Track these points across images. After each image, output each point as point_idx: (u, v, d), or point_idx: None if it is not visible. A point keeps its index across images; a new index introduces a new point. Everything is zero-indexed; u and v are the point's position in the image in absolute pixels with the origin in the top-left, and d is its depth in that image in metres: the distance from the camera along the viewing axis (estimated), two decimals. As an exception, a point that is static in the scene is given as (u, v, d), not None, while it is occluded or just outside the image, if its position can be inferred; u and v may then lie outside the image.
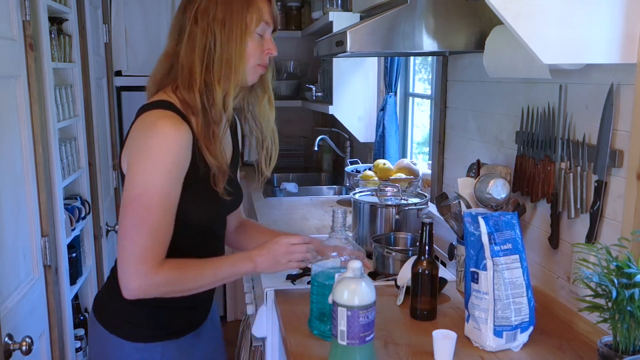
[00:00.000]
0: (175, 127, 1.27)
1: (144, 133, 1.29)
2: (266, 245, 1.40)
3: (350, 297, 1.22)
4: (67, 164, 2.46)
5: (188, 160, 1.30)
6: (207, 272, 1.35)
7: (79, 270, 2.57)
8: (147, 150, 1.26)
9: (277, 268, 1.40)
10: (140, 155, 1.27)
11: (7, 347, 1.56)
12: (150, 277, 1.26)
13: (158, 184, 1.25)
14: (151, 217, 1.25)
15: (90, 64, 2.85)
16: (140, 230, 1.26)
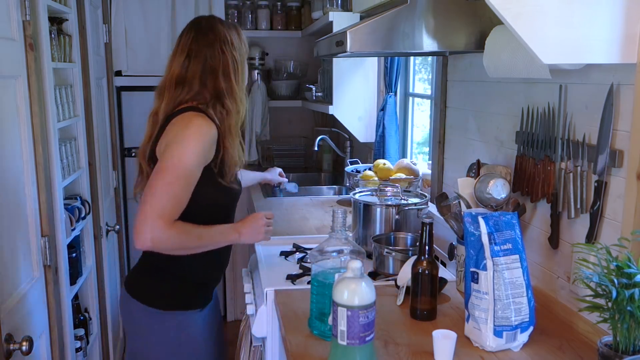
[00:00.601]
0: (206, 123, 1.64)
1: (183, 125, 1.63)
2: (248, 219, 1.76)
3: (350, 297, 1.22)
4: (67, 164, 2.46)
5: (212, 151, 1.65)
6: (205, 236, 1.66)
7: (79, 270, 2.56)
8: (185, 136, 1.61)
9: (256, 239, 1.77)
10: (178, 138, 1.61)
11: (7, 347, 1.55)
12: (164, 230, 1.55)
13: (188, 162, 1.59)
14: (176, 185, 1.58)
15: (90, 64, 2.85)
16: (164, 192, 1.57)
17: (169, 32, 3.75)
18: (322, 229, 2.51)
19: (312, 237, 2.31)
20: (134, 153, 3.83)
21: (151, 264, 1.75)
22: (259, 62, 4.11)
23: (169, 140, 1.62)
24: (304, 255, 2.13)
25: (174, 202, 1.58)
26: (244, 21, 4.08)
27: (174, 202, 1.58)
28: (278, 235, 2.41)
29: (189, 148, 1.60)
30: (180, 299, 1.74)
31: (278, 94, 4.16)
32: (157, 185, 1.57)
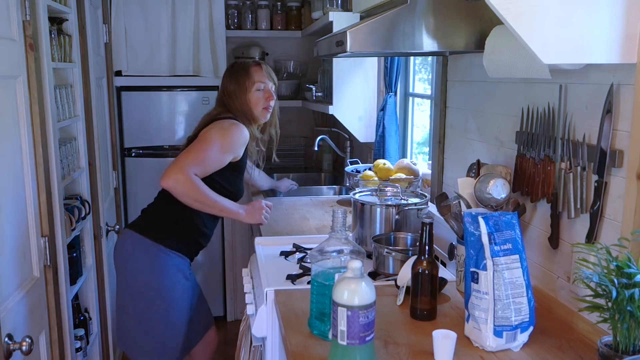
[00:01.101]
0: (244, 128, 2.25)
1: (226, 126, 2.22)
2: (251, 203, 2.34)
3: (350, 297, 1.22)
4: (67, 164, 2.46)
5: (242, 149, 2.25)
6: (216, 198, 2.17)
7: (79, 270, 2.56)
8: (226, 130, 2.20)
9: (253, 220, 2.31)
10: (220, 131, 2.20)
11: (7, 347, 1.55)
12: (186, 177, 2.07)
13: (222, 144, 2.18)
14: (205, 156, 2.14)
15: (90, 64, 2.85)
16: (198, 155, 2.14)
17: (169, 32, 3.75)
18: (322, 229, 2.51)
19: (312, 237, 2.31)
20: (134, 153, 3.83)
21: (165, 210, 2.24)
22: (260, 63, 4.10)
23: (214, 128, 2.19)
24: (304, 255, 2.13)
25: (201, 165, 2.12)
26: (244, 21, 4.08)
27: (198, 166, 2.11)
28: (278, 235, 2.42)
29: (227, 138, 2.18)
30: (183, 244, 2.24)
31: (278, 94, 4.15)
32: (193, 149, 2.15)
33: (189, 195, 2.11)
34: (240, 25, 4.07)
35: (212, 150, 2.15)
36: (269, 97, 2.33)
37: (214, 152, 2.15)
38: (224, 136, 2.18)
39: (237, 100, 2.29)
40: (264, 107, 2.32)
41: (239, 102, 2.29)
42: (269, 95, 2.33)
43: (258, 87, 2.30)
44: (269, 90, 2.34)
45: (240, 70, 2.33)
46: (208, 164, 2.14)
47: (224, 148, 2.17)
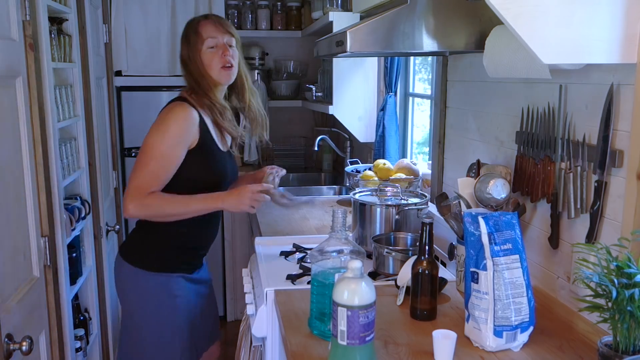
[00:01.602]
0: (188, 110, 1.89)
1: (162, 114, 1.91)
2: (235, 189, 1.93)
3: (350, 297, 1.22)
4: (67, 164, 2.46)
5: (194, 134, 1.90)
6: (181, 203, 1.88)
7: (79, 270, 2.56)
8: (162, 122, 1.88)
9: (241, 207, 1.89)
10: (157, 124, 1.89)
11: (7, 347, 1.55)
12: (141, 199, 1.82)
13: (163, 143, 1.86)
14: (152, 163, 1.85)
15: (90, 64, 2.85)
16: (142, 170, 1.85)
17: (169, 32, 3.75)
18: (322, 229, 2.51)
19: (312, 237, 2.31)
20: (134, 153, 3.83)
21: (141, 227, 2.01)
22: (259, 62, 4.11)
23: (152, 127, 1.90)
24: (304, 255, 2.13)
25: (151, 179, 1.84)
26: (244, 21, 4.08)
27: (150, 179, 1.84)
28: (278, 235, 2.41)
29: (165, 131, 1.86)
30: (164, 261, 1.98)
31: (278, 94, 4.16)
32: (136, 165, 1.87)
33: (154, 217, 1.91)
34: (240, 25, 4.07)
35: (154, 157, 1.85)
36: (225, 52, 1.95)
37: (157, 159, 1.86)
38: (161, 132, 1.87)
39: (193, 66, 1.96)
40: (221, 65, 1.95)
41: (194, 69, 1.96)
42: (224, 50, 1.95)
43: (209, 45, 1.95)
44: (224, 45, 1.96)
45: (189, 30, 2.00)
46: (158, 173, 1.86)
47: (166, 146, 1.86)
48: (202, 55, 1.94)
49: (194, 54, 1.95)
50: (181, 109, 1.89)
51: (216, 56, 1.94)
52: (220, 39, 1.96)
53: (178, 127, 1.87)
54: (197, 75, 1.95)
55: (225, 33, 1.97)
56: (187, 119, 1.88)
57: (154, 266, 1.97)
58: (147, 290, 1.98)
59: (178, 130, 1.87)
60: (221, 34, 1.96)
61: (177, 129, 1.86)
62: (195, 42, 1.95)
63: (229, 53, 1.95)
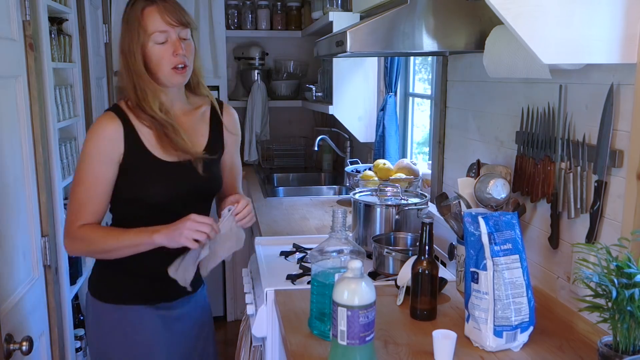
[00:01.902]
0: (105, 121, 1.58)
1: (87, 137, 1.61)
2: (176, 222, 1.52)
3: (350, 297, 1.22)
4: (67, 164, 2.46)
5: (119, 148, 1.57)
6: (112, 236, 1.59)
7: (79, 270, 2.57)
8: (85, 141, 1.60)
9: (175, 241, 1.50)
10: (83, 151, 1.60)
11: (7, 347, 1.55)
12: (73, 233, 1.58)
13: (86, 166, 1.57)
14: (79, 191, 1.58)
15: (90, 64, 2.85)
16: (72, 201, 1.59)
17: (169, 32, 3.74)
18: (322, 229, 2.51)
19: (312, 237, 2.31)
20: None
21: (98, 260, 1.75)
22: (259, 62, 4.11)
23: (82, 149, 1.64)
24: (304, 255, 2.13)
25: (81, 208, 1.58)
26: (244, 21, 4.08)
27: (80, 208, 1.58)
28: (278, 235, 2.41)
29: (86, 152, 1.57)
30: (122, 292, 1.68)
31: (278, 94, 4.16)
32: (69, 197, 1.62)
33: (91, 254, 1.67)
34: (240, 25, 4.08)
35: (78, 183, 1.58)
36: (177, 50, 1.54)
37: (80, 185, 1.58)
38: (82, 154, 1.59)
39: (133, 63, 1.55)
40: (172, 66, 1.55)
41: (134, 67, 1.55)
42: (176, 47, 1.54)
43: (157, 40, 1.54)
44: (176, 41, 1.55)
45: (130, 16, 1.56)
46: (84, 201, 1.57)
47: (86, 168, 1.57)
48: (148, 50, 1.55)
49: (135, 48, 1.54)
50: (98, 122, 1.59)
51: (166, 54, 1.54)
52: (172, 33, 1.55)
53: (93, 144, 1.56)
54: (137, 78, 1.56)
55: (177, 24, 1.54)
56: (104, 132, 1.56)
57: (112, 297, 1.69)
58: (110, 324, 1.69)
59: (94, 148, 1.56)
60: (172, 27, 1.54)
61: (93, 147, 1.56)
62: (138, 34, 1.54)
63: (181, 51, 1.55)
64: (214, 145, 1.72)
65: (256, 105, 3.96)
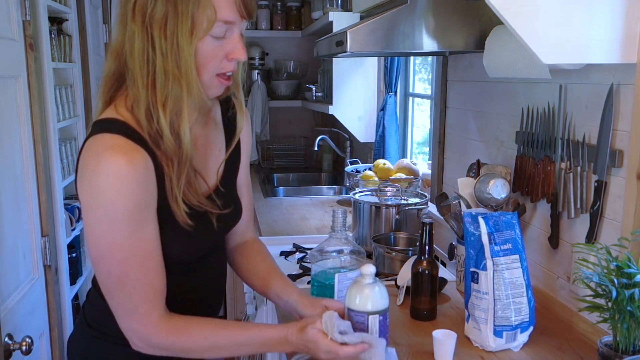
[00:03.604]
0: (125, 159, 1.01)
1: (91, 171, 1.02)
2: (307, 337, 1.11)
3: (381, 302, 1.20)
4: (67, 164, 2.46)
5: (153, 191, 1.07)
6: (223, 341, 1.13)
7: (79, 270, 2.57)
8: (98, 194, 1.01)
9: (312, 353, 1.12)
10: (92, 201, 1.03)
11: (7, 347, 1.55)
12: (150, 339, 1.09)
13: (125, 232, 1.03)
14: (130, 271, 1.05)
15: (90, 64, 2.85)
16: (123, 289, 1.06)
17: (169, 32, 3.74)
18: (322, 229, 2.51)
19: (312, 237, 2.31)
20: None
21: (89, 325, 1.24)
22: (259, 62, 4.11)
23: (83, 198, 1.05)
24: (304, 255, 2.13)
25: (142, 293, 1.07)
26: (244, 21, 4.08)
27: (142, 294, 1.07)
28: (278, 235, 2.41)
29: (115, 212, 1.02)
30: None
31: (278, 94, 4.16)
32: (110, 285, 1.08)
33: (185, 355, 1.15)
34: (240, 25, 4.07)
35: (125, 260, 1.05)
36: (235, 53, 1.08)
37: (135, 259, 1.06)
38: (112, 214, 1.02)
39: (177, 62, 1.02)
40: (219, 71, 1.09)
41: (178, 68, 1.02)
42: (235, 48, 1.07)
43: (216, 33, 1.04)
44: (238, 38, 1.08)
45: None
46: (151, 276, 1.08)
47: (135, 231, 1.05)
48: (200, 45, 1.03)
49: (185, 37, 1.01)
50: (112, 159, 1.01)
51: (219, 55, 1.07)
52: (236, 28, 1.07)
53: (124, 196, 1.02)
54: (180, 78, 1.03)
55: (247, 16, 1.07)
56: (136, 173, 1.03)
57: None
58: None
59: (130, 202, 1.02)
60: (242, 19, 1.06)
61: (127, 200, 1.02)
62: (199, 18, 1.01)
63: (242, 55, 1.09)
64: (234, 161, 1.30)
65: (256, 105, 3.96)
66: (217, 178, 1.21)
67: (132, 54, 1.04)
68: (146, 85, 1.04)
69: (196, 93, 1.05)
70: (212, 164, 1.22)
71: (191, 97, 1.05)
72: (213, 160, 1.23)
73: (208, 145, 1.23)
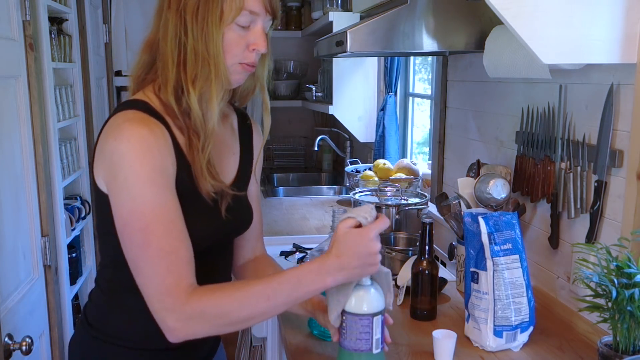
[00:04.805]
0: (147, 128, 1.06)
1: (112, 140, 1.06)
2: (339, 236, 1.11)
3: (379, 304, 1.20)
4: (67, 164, 2.46)
5: (172, 162, 1.09)
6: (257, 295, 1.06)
7: (79, 270, 2.57)
8: (120, 160, 1.04)
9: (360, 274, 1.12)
10: (114, 169, 1.05)
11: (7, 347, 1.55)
12: (183, 309, 1.03)
13: (146, 198, 1.03)
14: (152, 238, 1.04)
15: (90, 64, 2.85)
16: (147, 259, 1.04)
17: (169, 32, 3.74)
18: (322, 229, 2.51)
19: (312, 237, 2.31)
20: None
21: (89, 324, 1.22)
22: (264, 62, 4.11)
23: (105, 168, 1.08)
24: (304, 255, 2.13)
25: (169, 262, 1.04)
26: (244, 21, 4.08)
27: (168, 263, 1.04)
28: (278, 235, 2.41)
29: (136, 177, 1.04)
30: None
31: (278, 94, 4.16)
32: (133, 257, 1.06)
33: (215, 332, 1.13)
34: (240, 25, 4.08)
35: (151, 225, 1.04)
36: (257, 44, 1.13)
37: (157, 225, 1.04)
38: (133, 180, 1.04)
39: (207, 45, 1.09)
40: (241, 60, 1.14)
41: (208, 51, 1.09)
42: (258, 40, 1.13)
43: (242, 22, 1.11)
44: (261, 31, 1.14)
45: None
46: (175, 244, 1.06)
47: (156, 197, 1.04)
48: (226, 32, 1.10)
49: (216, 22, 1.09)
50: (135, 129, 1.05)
51: (241, 44, 1.12)
52: (260, 21, 1.13)
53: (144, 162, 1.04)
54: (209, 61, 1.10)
55: (271, 12, 1.14)
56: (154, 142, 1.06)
57: None
58: None
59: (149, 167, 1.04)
60: (266, 12, 1.13)
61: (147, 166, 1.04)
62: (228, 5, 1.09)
63: (263, 48, 1.14)
64: (247, 168, 1.32)
65: (256, 105, 3.96)
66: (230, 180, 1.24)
67: (165, 38, 1.12)
68: (177, 65, 1.11)
69: (223, 75, 1.11)
70: (226, 165, 1.25)
71: (218, 78, 1.11)
72: (226, 162, 1.26)
73: (223, 145, 1.26)
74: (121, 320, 1.16)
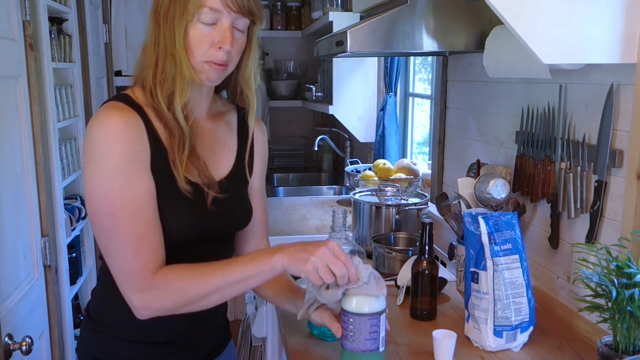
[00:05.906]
0: (118, 115, 1.10)
1: (89, 126, 1.11)
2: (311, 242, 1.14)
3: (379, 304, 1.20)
4: (67, 164, 2.46)
5: (144, 150, 1.12)
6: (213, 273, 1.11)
7: (79, 270, 2.57)
8: (91, 146, 1.09)
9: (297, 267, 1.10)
10: (87, 154, 1.09)
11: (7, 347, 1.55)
12: (148, 289, 1.09)
13: (114, 184, 1.07)
14: (121, 223, 1.08)
15: (90, 64, 2.85)
16: (115, 243, 1.08)
17: (169, 32, 3.75)
18: (322, 229, 2.51)
19: (312, 237, 2.31)
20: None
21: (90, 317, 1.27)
22: (259, 62, 4.11)
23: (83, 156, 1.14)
24: (304, 255, 2.13)
25: (136, 246, 1.08)
26: (244, 21, 4.08)
27: (136, 247, 1.08)
28: (278, 235, 2.41)
29: (105, 163, 1.07)
30: None
31: (278, 94, 4.16)
32: (103, 240, 1.10)
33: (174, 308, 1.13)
34: (240, 25, 4.08)
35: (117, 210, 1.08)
36: (223, 42, 1.15)
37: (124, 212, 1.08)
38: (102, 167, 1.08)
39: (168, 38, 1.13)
40: (207, 59, 1.15)
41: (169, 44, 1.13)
42: (224, 38, 1.14)
43: (205, 19, 1.13)
44: (227, 29, 1.15)
45: None
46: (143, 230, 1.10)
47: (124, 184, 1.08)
48: (188, 27, 1.13)
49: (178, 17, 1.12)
50: (107, 117, 1.09)
51: (206, 41, 1.14)
52: (224, 19, 1.15)
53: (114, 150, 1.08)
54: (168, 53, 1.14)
55: (236, 10, 1.15)
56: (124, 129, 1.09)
57: None
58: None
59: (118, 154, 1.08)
60: (229, 11, 1.14)
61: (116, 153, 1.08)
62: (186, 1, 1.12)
63: (228, 46, 1.16)
64: (244, 164, 1.34)
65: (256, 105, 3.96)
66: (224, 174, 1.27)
67: (146, 41, 1.19)
68: (151, 66, 1.16)
69: (187, 74, 1.14)
70: (219, 160, 1.28)
71: (182, 76, 1.14)
72: (219, 157, 1.28)
73: (216, 140, 1.29)
74: (121, 313, 1.17)
